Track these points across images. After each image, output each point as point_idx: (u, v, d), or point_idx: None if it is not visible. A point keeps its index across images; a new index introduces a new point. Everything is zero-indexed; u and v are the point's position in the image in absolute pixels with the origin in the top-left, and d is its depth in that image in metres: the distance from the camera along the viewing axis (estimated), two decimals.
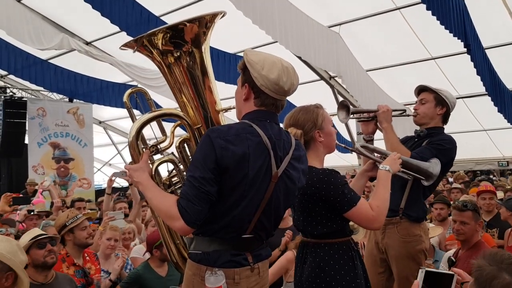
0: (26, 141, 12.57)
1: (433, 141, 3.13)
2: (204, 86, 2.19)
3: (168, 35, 2.10)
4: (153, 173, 2.10)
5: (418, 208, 3.14)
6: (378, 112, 3.17)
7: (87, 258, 3.82)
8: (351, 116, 3.12)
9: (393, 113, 3.23)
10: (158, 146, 2.21)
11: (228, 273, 1.90)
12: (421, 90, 3.34)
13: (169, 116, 2.23)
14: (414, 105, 3.39)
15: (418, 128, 3.36)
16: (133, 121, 2.21)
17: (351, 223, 2.51)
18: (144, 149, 2.14)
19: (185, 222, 1.81)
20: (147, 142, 2.26)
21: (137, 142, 2.13)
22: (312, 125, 2.43)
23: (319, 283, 2.34)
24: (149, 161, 2.12)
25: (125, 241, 4.76)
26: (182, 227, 1.84)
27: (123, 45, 2.20)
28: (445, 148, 3.10)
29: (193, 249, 1.99)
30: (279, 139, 1.98)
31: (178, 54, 2.14)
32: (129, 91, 2.35)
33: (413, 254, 3.08)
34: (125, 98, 2.31)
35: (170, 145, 2.26)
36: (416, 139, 3.31)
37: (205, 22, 2.16)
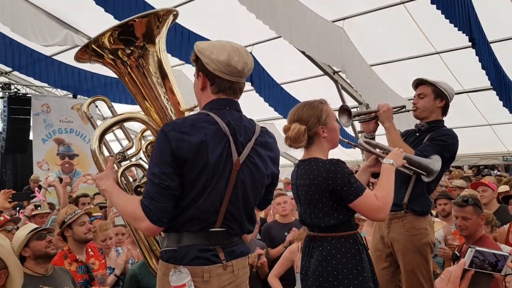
0: (31, 137, 12.62)
1: (435, 137, 3.12)
2: (165, 88, 2.17)
3: (118, 33, 2.05)
4: (119, 179, 2.06)
5: (422, 202, 3.15)
6: (379, 112, 3.16)
7: (91, 253, 3.83)
8: (353, 120, 3.12)
9: (394, 110, 3.23)
10: (125, 153, 2.18)
11: (196, 271, 1.82)
12: (418, 83, 3.32)
13: (131, 120, 2.21)
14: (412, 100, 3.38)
15: (419, 122, 3.35)
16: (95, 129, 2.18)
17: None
18: (110, 157, 2.11)
19: (150, 221, 1.77)
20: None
21: (100, 149, 2.11)
22: (316, 121, 2.43)
23: (326, 276, 2.34)
24: (115, 168, 2.08)
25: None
26: (148, 227, 1.79)
27: (76, 59, 2.15)
28: (447, 144, 3.10)
29: (163, 247, 1.94)
30: (239, 125, 1.94)
31: (132, 55, 2.09)
32: (89, 100, 2.35)
33: (419, 247, 3.09)
34: (85, 108, 2.30)
35: (139, 151, 2.24)
36: (417, 134, 3.30)
37: (157, 20, 2.11)
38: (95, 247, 3.93)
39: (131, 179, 2.21)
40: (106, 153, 2.20)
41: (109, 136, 2.25)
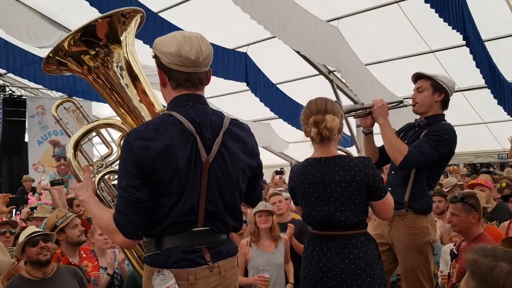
0: (26, 140, 12.57)
1: (431, 133, 3.10)
2: (137, 90, 2.12)
3: (80, 35, 1.99)
4: (97, 187, 2.01)
5: (423, 200, 3.13)
6: (373, 108, 3.16)
7: (84, 255, 3.82)
8: (346, 116, 3.11)
9: (390, 105, 3.22)
10: (104, 162, 2.13)
11: (181, 274, 1.76)
12: (417, 77, 3.30)
13: (106, 127, 2.19)
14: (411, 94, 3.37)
15: (418, 117, 3.34)
16: (68, 134, 2.14)
17: None
18: (86, 166, 2.07)
19: (124, 236, 1.74)
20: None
21: (75, 158, 2.06)
22: (341, 118, 2.43)
23: (359, 273, 2.34)
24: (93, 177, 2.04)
25: None
26: (123, 241, 1.77)
27: (45, 71, 2.10)
28: (444, 139, 3.06)
29: (146, 252, 1.90)
30: (204, 120, 1.85)
31: (98, 57, 2.03)
32: (57, 102, 2.29)
33: (420, 246, 3.08)
34: (53, 111, 2.24)
35: (119, 157, 2.17)
36: (416, 129, 3.29)
37: (123, 21, 2.06)
38: (87, 249, 3.91)
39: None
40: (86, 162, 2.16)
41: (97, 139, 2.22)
